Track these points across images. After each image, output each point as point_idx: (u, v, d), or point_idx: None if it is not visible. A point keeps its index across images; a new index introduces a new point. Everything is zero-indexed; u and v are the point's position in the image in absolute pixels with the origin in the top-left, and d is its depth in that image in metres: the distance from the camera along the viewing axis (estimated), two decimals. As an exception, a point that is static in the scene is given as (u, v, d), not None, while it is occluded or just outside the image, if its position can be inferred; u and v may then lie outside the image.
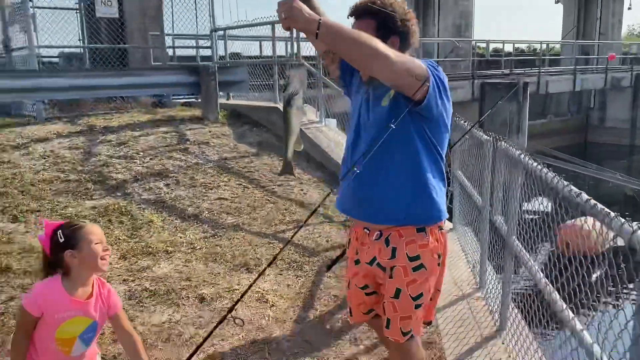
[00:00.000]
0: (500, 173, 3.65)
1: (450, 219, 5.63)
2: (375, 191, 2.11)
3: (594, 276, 2.18)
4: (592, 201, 1.97)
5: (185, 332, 3.29)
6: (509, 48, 20.09)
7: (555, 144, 18.40)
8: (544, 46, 22.75)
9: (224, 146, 6.58)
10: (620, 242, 1.77)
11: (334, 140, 6.89)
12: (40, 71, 7.51)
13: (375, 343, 3.32)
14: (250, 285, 2.26)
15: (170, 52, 11.31)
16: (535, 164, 2.78)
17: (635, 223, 1.70)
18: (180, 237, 4.54)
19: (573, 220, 4.21)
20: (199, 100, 8.96)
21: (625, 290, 4.14)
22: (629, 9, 31.17)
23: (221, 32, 8.74)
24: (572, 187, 2.19)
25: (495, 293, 3.78)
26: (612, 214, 1.81)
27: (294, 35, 2.35)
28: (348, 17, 2.17)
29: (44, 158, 5.65)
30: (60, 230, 2.03)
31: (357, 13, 2.11)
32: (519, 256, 3.08)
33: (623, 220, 1.74)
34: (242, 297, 2.21)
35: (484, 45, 19.51)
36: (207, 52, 11.41)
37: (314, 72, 7.05)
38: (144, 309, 3.51)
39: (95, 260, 2.03)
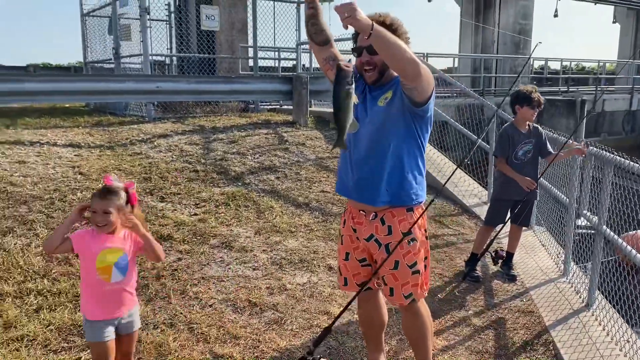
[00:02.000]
0: (588, 174, 4.26)
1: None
2: (371, 176, 2.52)
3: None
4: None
5: (324, 291, 4.03)
6: (556, 66, 20.39)
7: (610, 162, 18.43)
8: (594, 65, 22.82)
9: (318, 147, 7.36)
10: None
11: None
12: (161, 76, 8.48)
13: (481, 309, 3.99)
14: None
15: (250, 62, 12.19)
16: (629, 161, 3.41)
17: None
18: (298, 220, 5.30)
19: (635, 231, 4.82)
20: (284, 107, 9.84)
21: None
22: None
23: (306, 46, 9.55)
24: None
25: (580, 278, 4.37)
26: None
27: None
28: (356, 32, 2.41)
29: (170, 151, 6.54)
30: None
31: None
32: (611, 240, 3.69)
33: None
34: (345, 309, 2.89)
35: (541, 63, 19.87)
36: (285, 64, 12.36)
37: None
38: (286, 273, 4.27)
39: (93, 222, 2.46)
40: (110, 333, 2.50)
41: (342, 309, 2.69)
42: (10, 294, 3.53)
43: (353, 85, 2.23)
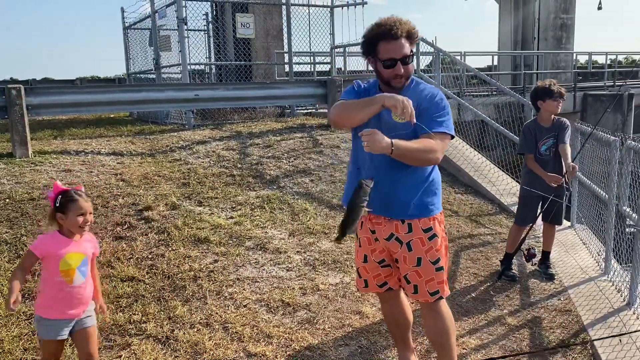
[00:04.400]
0: (627, 169, 4.13)
1: (567, 218, 6.08)
2: (394, 192, 2.54)
3: None
4: None
5: (356, 291, 4.05)
6: (602, 60, 19.77)
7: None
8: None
9: (352, 150, 7.39)
10: None
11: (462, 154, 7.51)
12: (199, 84, 8.71)
13: (516, 308, 3.93)
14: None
15: (286, 67, 12.33)
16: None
17: None
18: (332, 222, 5.34)
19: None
20: (319, 111, 9.93)
21: None
22: None
23: (340, 50, 9.62)
24: None
25: (622, 277, 4.24)
26: None
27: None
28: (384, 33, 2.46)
29: (208, 157, 6.71)
30: (59, 196, 2.56)
31: (398, 33, 2.44)
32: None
33: None
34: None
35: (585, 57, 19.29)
36: (321, 68, 12.46)
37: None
38: (319, 273, 4.33)
39: (75, 226, 2.56)
40: (64, 332, 2.58)
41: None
42: (56, 295, 3.71)
43: (366, 202, 2.43)
